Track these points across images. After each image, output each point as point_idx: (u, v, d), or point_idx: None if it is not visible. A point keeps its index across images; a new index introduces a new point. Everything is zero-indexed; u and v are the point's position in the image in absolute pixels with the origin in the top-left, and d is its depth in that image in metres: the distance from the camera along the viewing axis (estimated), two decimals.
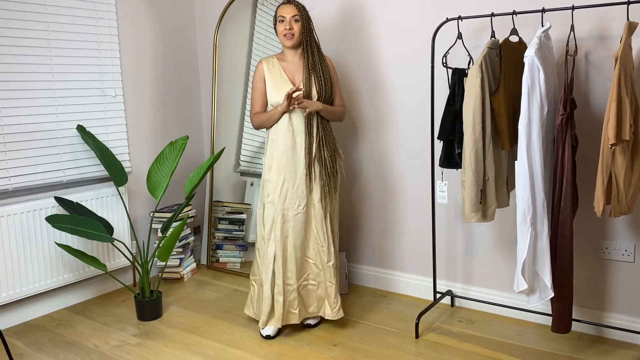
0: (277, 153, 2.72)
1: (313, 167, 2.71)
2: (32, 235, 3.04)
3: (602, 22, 2.48)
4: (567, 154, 2.24)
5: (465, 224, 3.04)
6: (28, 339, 2.88)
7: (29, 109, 3.04)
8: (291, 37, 2.70)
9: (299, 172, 2.70)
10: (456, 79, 2.57)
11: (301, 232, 2.73)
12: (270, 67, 2.79)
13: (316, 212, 2.74)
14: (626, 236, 2.57)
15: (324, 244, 2.75)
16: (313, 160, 2.71)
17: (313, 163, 2.71)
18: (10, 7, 2.94)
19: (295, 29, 2.70)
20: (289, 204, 2.71)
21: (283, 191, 2.71)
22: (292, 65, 2.78)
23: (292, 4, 2.72)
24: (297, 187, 2.70)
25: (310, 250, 2.77)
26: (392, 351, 2.61)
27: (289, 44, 2.72)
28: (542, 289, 2.35)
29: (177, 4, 3.87)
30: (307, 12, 2.74)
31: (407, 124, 3.15)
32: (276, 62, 2.80)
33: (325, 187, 2.73)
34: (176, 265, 3.64)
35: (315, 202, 2.73)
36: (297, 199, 2.70)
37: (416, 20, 3.03)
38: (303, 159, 2.70)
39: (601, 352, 2.53)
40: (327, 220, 2.76)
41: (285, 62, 2.80)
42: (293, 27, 2.69)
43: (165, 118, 3.83)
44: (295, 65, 2.78)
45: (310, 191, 2.73)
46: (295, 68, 2.77)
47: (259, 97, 2.81)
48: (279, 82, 2.74)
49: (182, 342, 2.78)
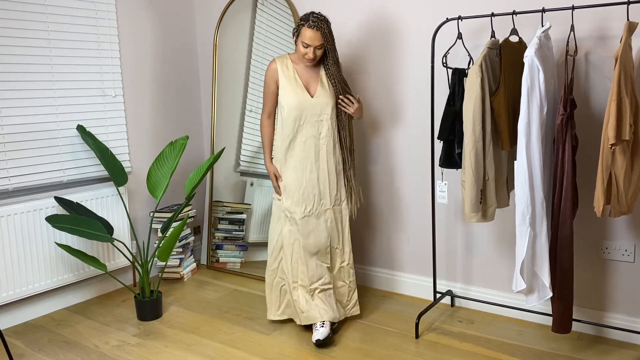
0: (292, 154, 2.76)
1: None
2: (32, 235, 3.04)
3: (602, 22, 2.48)
4: (567, 154, 2.24)
5: (465, 224, 3.04)
6: (28, 339, 2.88)
7: (29, 109, 3.04)
8: (312, 61, 2.68)
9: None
10: (456, 79, 2.57)
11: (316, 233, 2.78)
12: (284, 68, 2.74)
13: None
14: (626, 236, 2.57)
15: (338, 246, 2.85)
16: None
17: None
18: (10, 7, 2.94)
19: (317, 55, 2.67)
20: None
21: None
22: (307, 72, 2.75)
23: (318, 31, 2.59)
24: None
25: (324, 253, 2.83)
26: (392, 351, 2.61)
27: (309, 64, 2.71)
28: (541, 288, 2.35)
29: (177, 4, 3.87)
30: (331, 30, 2.65)
31: (407, 123, 3.15)
32: (290, 64, 2.75)
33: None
34: (176, 265, 3.64)
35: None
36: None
37: (416, 20, 3.03)
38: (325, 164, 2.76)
39: (601, 352, 2.53)
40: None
41: (299, 65, 2.76)
42: (317, 54, 2.66)
43: (165, 118, 3.83)
44: (311, 72, 2.75)
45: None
46: (311, 75, 2.74)
47: (270, 99, 2.80)
48: (294, 87, 2.71)
49: (182, 342, 2.78)
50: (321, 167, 2.75)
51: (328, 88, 2.73)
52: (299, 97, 2.69)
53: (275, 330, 2.87)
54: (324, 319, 2.70)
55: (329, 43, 2.66)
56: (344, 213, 2.85)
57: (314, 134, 2.72)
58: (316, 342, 2.64)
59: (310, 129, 2.71)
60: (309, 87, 2.73)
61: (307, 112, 2.70)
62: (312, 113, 2.70)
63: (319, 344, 2.64)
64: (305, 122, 2.71)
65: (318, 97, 2.71)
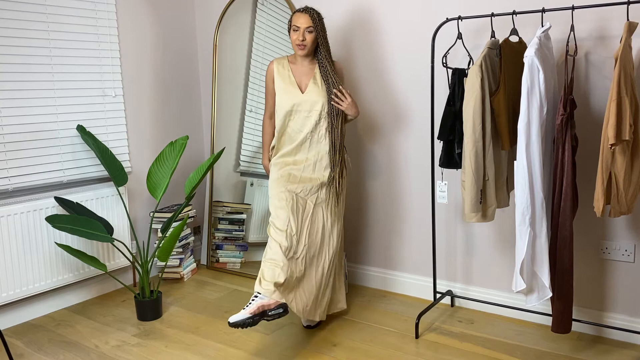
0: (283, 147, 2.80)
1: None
2: (32, 235, 3.04)
3: (602, 22, 2.48)
4: (567, 154, 2.24)
5: (465, 224, 3.04)
6: (28, 339, 2.88)
7: (29, 109, 3.04)
8: (303, 47, 2.70)
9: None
10: (456, 79, 2.57)
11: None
12: (280, 68, 2.80)
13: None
14: (626, 236, 2.57)
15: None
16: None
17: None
18: (10, 7, 2.94)
19: (308, 40, 2.68)
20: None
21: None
22: (301, 69, 2.78)
23: (307, 14, 2.67)
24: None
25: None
26: (392, 351, 2.61)
27: (301, 53, 2.72)
28: (541, 288, 2.35)
29: (177, 4, 3.87)
30: (322, 20, 2.71)
31: (407, 124, 3.15)
32: (286, 63, 2.81)
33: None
34: (176, 265, 3.64)
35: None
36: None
37: (416, 21, 3.03)
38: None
39: (601, 352, 2.53)
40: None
41: (295, 64, 2.80)
42: (306, 38, 2.68)
43: (165, 118, 3.83)
44: (304, 69, 2.77)
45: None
46: (304, 72, 2.77)
47: (269, 98, 2.86)
48: (287, 84, 2.75)
49: (182, 342, 2.78)
50: (308, 158, 2.75)
51: (320, 85, 2.73)
52: (290, 93, 2.73)
53: (275, 330, 2.87)
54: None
55: (319, 30, 2.68)
56: (323, 213, 2.74)
57: (303, 129, 2.73)
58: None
59: (299, 124, 2.73)
60: (301, 84, 2.76)
61: (297, 108, 2.73)
62: (302, 109, 2.72)
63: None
64: (296, 117, 2.73)
65: (308, 93, 2.73)
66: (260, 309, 2.37)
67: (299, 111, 2.73)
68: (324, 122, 2.72)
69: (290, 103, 2.72)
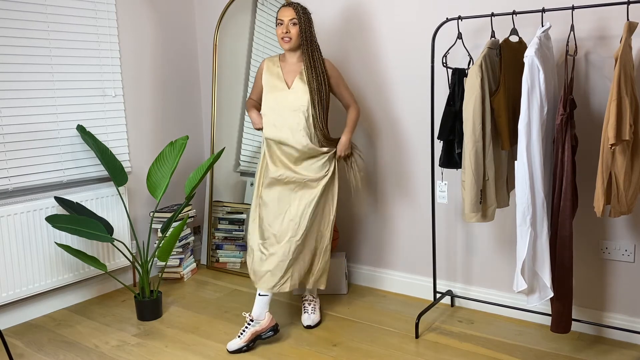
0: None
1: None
2: (32, 235, 3.04)
3: (602, 22, 2.48)
4: (567, 154, 2.24)
5: (465, 224, 3.04)
6: (28, 339, 2.88)
7: (29, 109, 3.04)
8: (288, 40, 2.71)
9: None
10: (456, 79, 2.57)
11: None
12: (270, 66, 2.83)
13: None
14: (626, 236, 2.57)
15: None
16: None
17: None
18: (10, 7, 2.94)
19: (292, 33, 2.70)
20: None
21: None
22: (289, 66, 2.80)
23: (291, 7, 2.70)
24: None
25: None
26: (392, 351, 2.61)
27: (286, 47, 2.74)
28: (542, 288, 2.35)
29: (177, 4, 3.87)
30: (308, 14, 2.72)
31: (407, 124, 3.15)
32: (277, 61, 2.84)
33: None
34: (176, 265, 3.64)
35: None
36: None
37: (416, 21, 3.03)
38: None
39: (601, 352, 2.53)
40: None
41: (284, 62, 2.82)
42: (290, 31, 2.69)
43: (165, 118, 3.83)
44: (292, 66, 2.80)
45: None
46: (291, 69, 2.79)
47: (256, 90, 2.94)
48: (274, 80, 2.78)
49: (182, 342, 2.78)
50: (293, 148, 2.76)
51: (306, 82, 2.74)
52: (276, 88, 2.77)
53: None
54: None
55: (303, 23, 2.68)
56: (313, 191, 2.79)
57: (287, 124, 2.73)
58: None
59: (284, 119, 2.74)
60: (287, 80, 2.78)
61: (282, 103, 2.75)
62: (286, 104, 2.74)
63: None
64: (281, 112, 2.74)
65: (294, 89, 2.75)
66: (254, 335, 2.68)
67: (283, 106, 2.74)
68: (310, 117, 2.74)
69: (275, 97, 2.76)
